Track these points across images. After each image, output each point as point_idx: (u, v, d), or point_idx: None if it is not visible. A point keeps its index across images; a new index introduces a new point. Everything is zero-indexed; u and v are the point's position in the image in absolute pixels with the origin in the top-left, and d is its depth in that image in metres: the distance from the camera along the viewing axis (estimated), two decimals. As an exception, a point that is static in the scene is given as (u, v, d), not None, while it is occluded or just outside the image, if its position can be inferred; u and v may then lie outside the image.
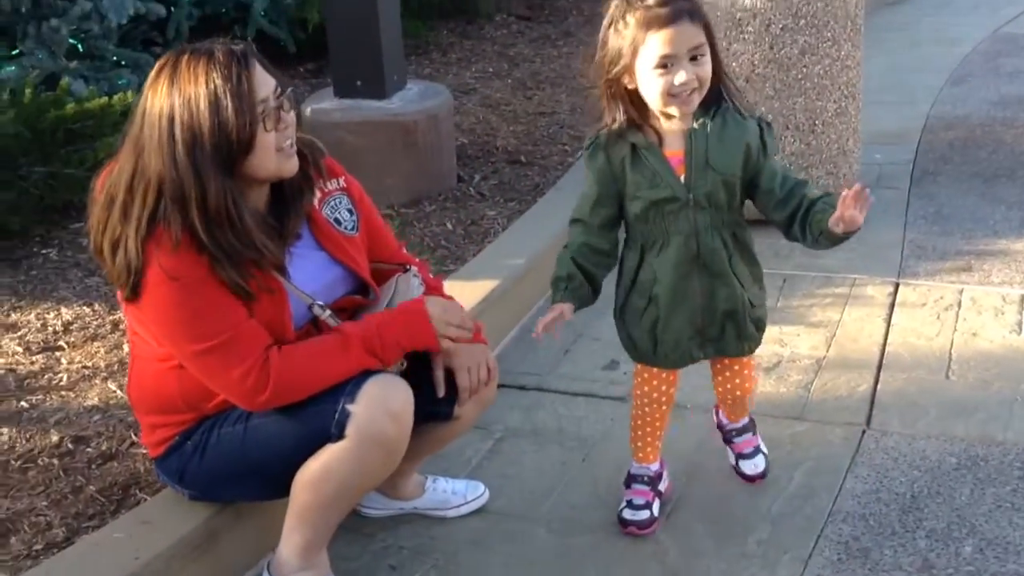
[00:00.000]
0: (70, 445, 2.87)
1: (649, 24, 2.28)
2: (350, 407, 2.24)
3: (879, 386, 3.29)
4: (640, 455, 2.78)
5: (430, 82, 5.07)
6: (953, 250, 4.18)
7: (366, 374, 2.29)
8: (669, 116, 2.40)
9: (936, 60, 7.01)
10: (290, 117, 2.26)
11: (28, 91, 3.96)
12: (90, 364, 3.26)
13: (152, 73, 2.23)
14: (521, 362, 3.58)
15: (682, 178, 2.42)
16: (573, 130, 5.48)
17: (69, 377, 3.20)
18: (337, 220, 2.48)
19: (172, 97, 2.15)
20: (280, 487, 2.37)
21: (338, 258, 2.44)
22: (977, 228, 4.37)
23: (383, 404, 2.26)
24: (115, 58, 4.78)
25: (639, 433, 2.76)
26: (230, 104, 2.13)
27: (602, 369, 3.51)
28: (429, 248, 4.13)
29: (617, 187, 2.47)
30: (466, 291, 3.65)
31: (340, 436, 2.26)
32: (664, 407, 2.72)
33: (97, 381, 3.18)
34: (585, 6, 8.16)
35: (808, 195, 2.42)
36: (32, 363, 3.28)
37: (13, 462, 2.81)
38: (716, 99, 2.43)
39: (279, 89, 2.25)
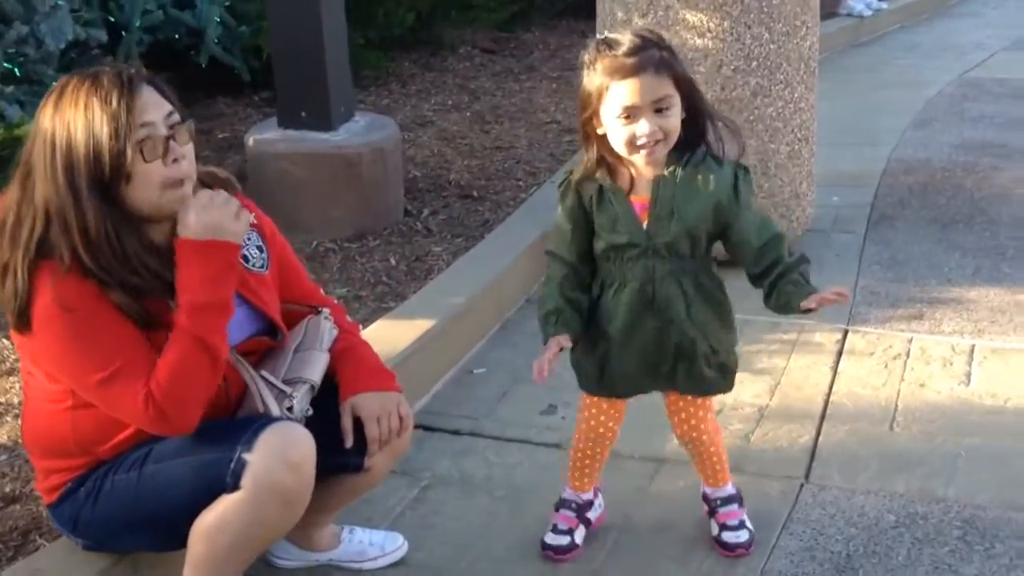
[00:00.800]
0: (-29, 486, 2.74)
1: (613, 72, 2.27)
2: (246, 456, 2.12)
3: (821, 437, 3.19)
4: (575, 483, 2.74)
5: (378, 114, 4.98)
6: (905, 297, 4.11)
7: (265, 421, 2.17)
8: (638, 161, 2.37)
9: (901, 103, 6.98)
10: (183, 150, 2.14)
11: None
12: (2, 400, 3.13)
13: (44, 97, 2.14)
14: (456, 405, 3.47)
15: (644, 224, 2.39)
16: (529, 166, 5.39)
17: (-18, 414, 3.07)
18: (245, 257, 2.36)
19: (54, 121, 2.07)
20: (176, 537, 2.24)
21: (245, 297, 2.33)
22: (931, 275, 4.29)
23: (281, 453, 2.14)
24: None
25: (577, 464, 2.71)
26: (105, 129, 2.04)
27: (540, 414, 3.40)
28: (369, 284, 4.03)
29: (587, 223, 2.46)
30: (402, 329, 3.55)
31: (236, 486, 2.14)
32: (607, 441, 2.68)
33: (8, 418, 3.05)
34: (551, 40, 8.13)
35: (784, 259, 2.37)
36: (-57, 397, 3.15)
37: (-92, 503, 2.68)
38: (693, 144, 2.39)
39: (174, 117, 2.14)
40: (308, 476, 2.18)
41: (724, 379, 2.58)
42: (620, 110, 2.28)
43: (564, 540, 2.67)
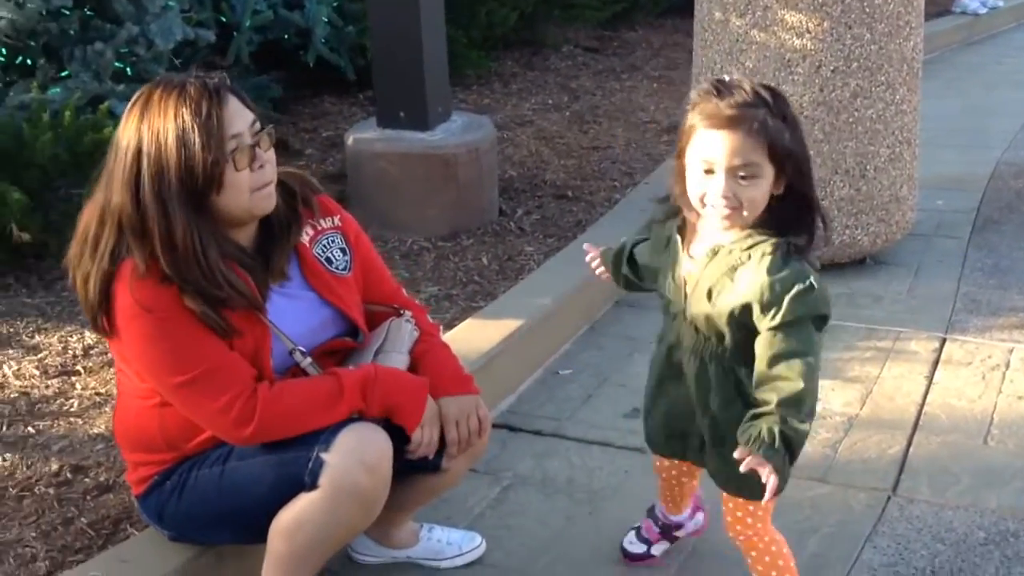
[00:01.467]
0: (69, 474, 2.84)
1: (706, 117, 1.99)
2: (324, 456, 2.17)
3: (911, 449, 3.12)
4: (664, 504, 2.67)
5: (475, 115, 5.00)
6: (1007, 306, 3.99)
7: (344, 423, 2.22)
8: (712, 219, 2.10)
9: (1013, 104, 6.79)
10: (267, 155, 2.20)
11: (68, 113, 3.98)
12: (103, 391, 3.24)
13: (128, 106, 2.20)
14: (541, 406, 3.48)
15: (687, 288, 2.17)
16: (625, 166, 5.39)
17: (80, 403, 3.18)
18: (329, 259, 2.41)
19: (140, 131, 2.12)
20: (256, 532, 2.30)
21: (327, 299, 2.38)
22: (1036, 283, 4.17)
23: (358, 455, 2.18)
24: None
25: (661, 490, 2.65)
26: (197, 140, 2.08)
27: (623, 417, 3.39)
28: (461, 283, 4.06)
29: (656, 251, 2.31)
30: (490, 329, 3.58)
31: (314, 485, 2.19)
32: (674, 484, 2.56)
33: (107, 409, 3.15)
34: (655, 39, 8.09)
35: (776, 408, 1.98)
36: (47, 387, 3.27)
37: (11, 489, 2.78)
38: (782, 227, 2.05)
39: (257, 125, 2.19)
40: (384, 477, 2.22)
41: (744, 481, 2.10)
42: (699, 161, 2.01)
43: (638, 549, 2.67)
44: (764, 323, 2.01)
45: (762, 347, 2.03)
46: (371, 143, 4.49)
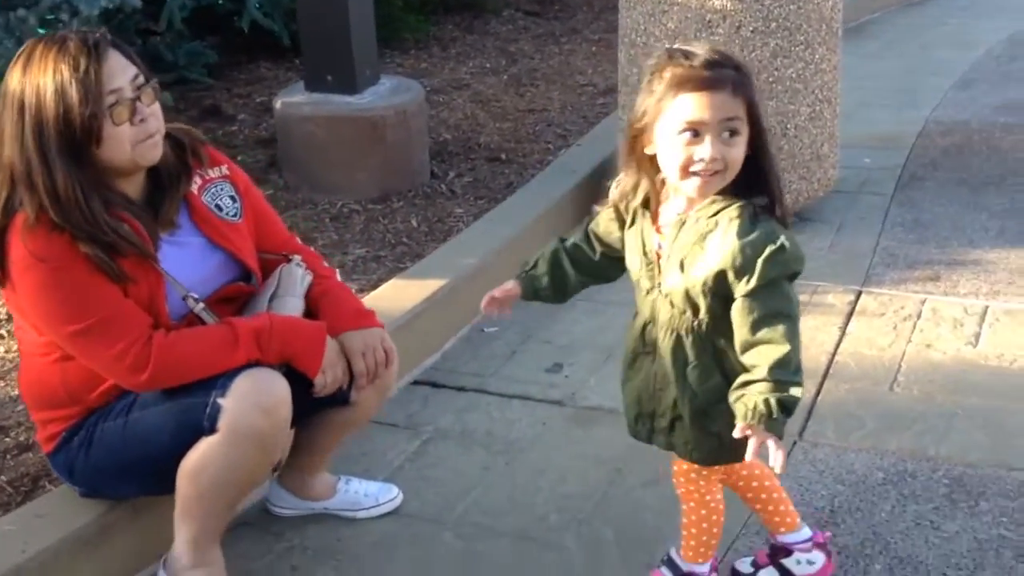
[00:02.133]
0: (-11, 434, 2.88)
1: (684, 83, 1.95)
2: (221, 401, 2.23)
3: (820, 396, 3.21)
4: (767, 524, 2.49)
5: (404, 78, 5.03)
6: (924, 259, 4.09)
7: (239, 368, 2.27)
8: (679, 192, 2.07)
9: (948, 63, 6.87)
10: (150, 109, 2.24)
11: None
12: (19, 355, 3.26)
13: (12, 60, 2.24)
14: (465, 363, 3.54)
15: (660, 263, 2.13)
16: (560, 128, 5.43)
17: (2, 366, 3.20)
18: (218, 207, 2.46)
19: (23, 84, 2.17)
20: (165, 482, 2.35)
21: (218, 243, 2.43)
22: (953, 237, 4.27)
23: (254, 398, 2.24)
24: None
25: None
26: (75, 95, 2.14)
27: (545, 371, 3.46)
28: (390, 244, 4.10)
29: (620, 227, 2.24)
30: (415, 288, 3.63)
31: (212, 430, 2.24)
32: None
33: (30, 371, 3.18)
34: (596, 2, 8.10)
35: (765, 373, 1.96)
36: (-31, 351, 3.29)
37: (-70, 450, 2.82)
38: (742, 192, 2.02)
39: (140, 79, 2.23)
40: (282, 420, 2.28)
41: (725, 451, 2.15)
42: (683, 125, 1.95)
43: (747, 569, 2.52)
44: (739, 288, 1.99)
45: (741, 313, 2.00)
46: (299, 107, 4.51)
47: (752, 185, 2.03)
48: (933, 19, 8.22)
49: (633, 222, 2.19)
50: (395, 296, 3.59)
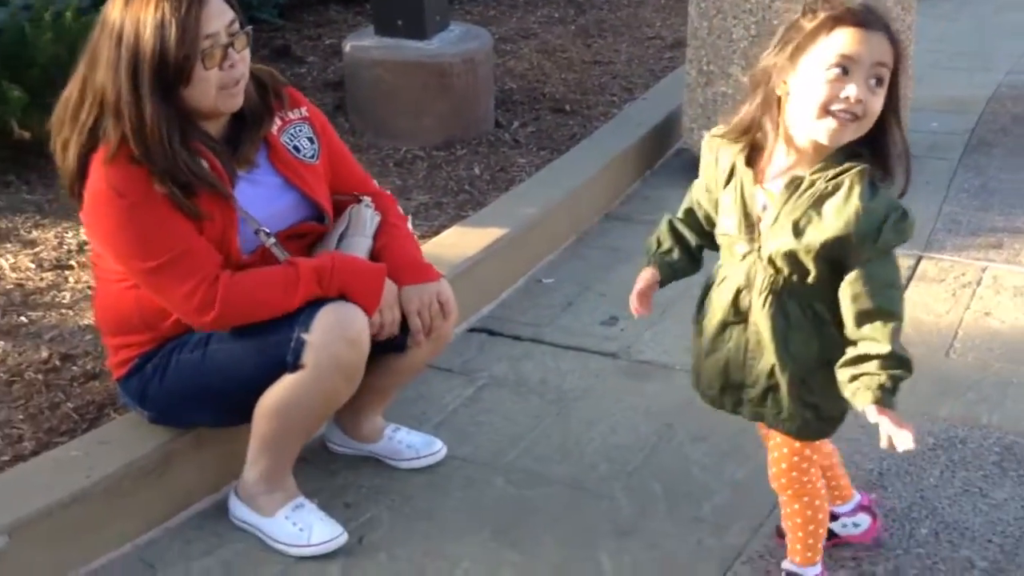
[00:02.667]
0: (57, 362, 2.97)
1: (839, 20, 1.88)
2: (305, 336, 2.30)
3: (875, 360, 3.21)
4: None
5: (473, 25, 5.04)
6: (987, 226, 4.05)
7: (319, 303, 2.33)
8: (792, 148, 1.99)
9: (1022, 26, 6.73)
10: (240, 56, 2.30)
11: (69, 14, 4.05)
12: (94, 284, 3.35)
13: None
14: (521, 312, 3.58)
15: (759, 224, 2.04)
16: (625, 81, 5.41)
17: (72, 296, 3.30)
18: (296, 148, 2.52)
19: (124, 16, 2.22)
20: (239, 414, 2.44)
21: (294, 183, 2.48)
22: (1019, 205, 4.22)
23: (339, 331, 2.31)
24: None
25: None
26: (173, 34, 2.19)
27: (600, 324, 3.49)
28: (452, 192, 4.14)
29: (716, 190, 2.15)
30: (475, 236, 3.67)
31: (296, 365, 2.31)
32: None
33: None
34: (668, -46, 8.01)
35: (883, 349, 1.95)
36: (41, 280, 3.39)
37: (1, 375, 2.91)
38: (858, 152, 1.95)
39: (235, 25, 2.27)
40: (364, 349, 2.36)
41: (821, 424, 2.16)
42: (834, 59, 1.87)
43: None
44: (859, 254, 1.93)
45: (857, 281, 1.95)
46: (368, 51, 4.54)
47: (874, 149, 1.97)
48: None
49: (728, 181, 2.09)
50: (455, 243, 3.63)
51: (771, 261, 2.02)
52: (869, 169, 1.94)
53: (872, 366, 1.95)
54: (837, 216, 1.93)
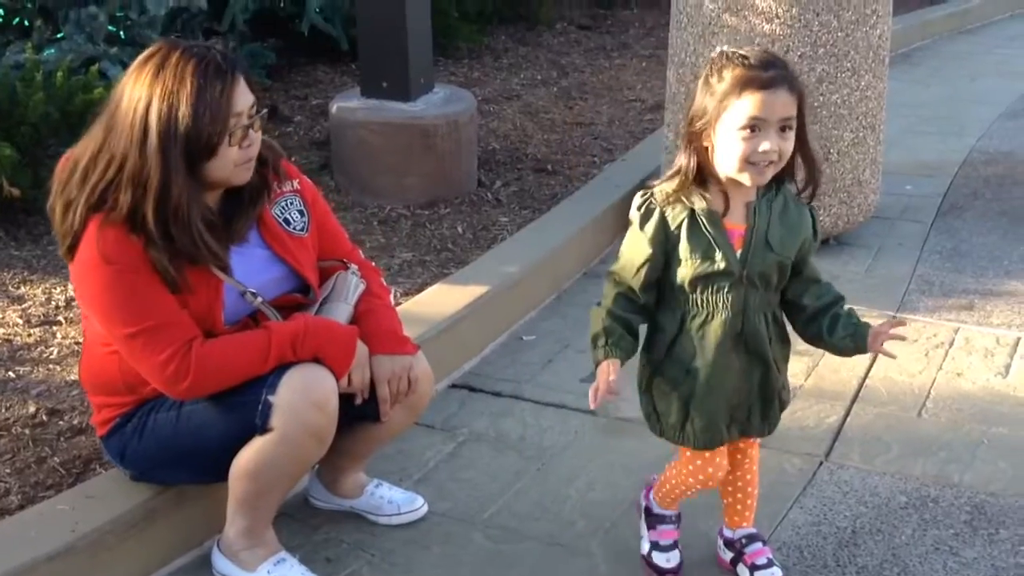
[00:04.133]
0: (44, 417, 3.01)
1: (747, 84, 2.15)
2: (272, 399, 2.33)
3: (848, 419, 3.28)
4: (670, 506, 2.66)
5: (457, 88, 5.14)
6: (960, 288, 4.14)
7: (287, 365, 2.38)
8: (736, 186, 2.26)
9: (996, 93, 6.91)
10: (256, 136, 2.38)
11: (60, 74, 4.13)
12: (82, 340, 3.39)
13: (139, 59, 2.33)
14: (502, 369, 3.64)
15: (739, 253, 2.28)
16: (606, 142, 5.52)
17: (60, 351, 3.34)
18: (287, 220, 2.57)
19: (153, 88, 2.26)
20: (215, 472, 2.47)
21: (282, 256, 2.53)
22: (990, 267, 4.31)
23: (305, 394, 2.35)
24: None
25: (676, 495, 2.61)
26: (208, 112, 2.25)
27: (580, 381, 3.54)
28: (435, 250, 4.21)
29: (666, 251, 2.30)
30: (457, 294, 3.73)
31: (265, 427, 2.35)
32: (717, 480, 2.53)
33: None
34: (649, 18, 8.21)
35: (843, 299, 2.44)
36: (29, 335, 3.43)
37: (-11, 429, 2.95)
38: (780, 177, 2.29)
39: (254, 108, 2.35)
40: (332, 412, 2.39)
41: (779, 417, 2.51)
42: (745, 121, 2.15)
43: (675, 559, 2.63)
44: (809, 248, 2.36)
45: (811, 268, 2.39)
46: (353, 111, 4.63)
47: (785, 171, 2.30)
48: (982, 48, 8.24)
49: (692, 223, 2.29)
50: (438, 301, 3.69)
51: (760, 279, 2.31)
52: (789, 181, 2.34)
53: (846, 314, 2.43)
54: (801, 224, 2.34)
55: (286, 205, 2.58)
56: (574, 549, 2.75)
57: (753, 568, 2.58)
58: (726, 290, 2.30)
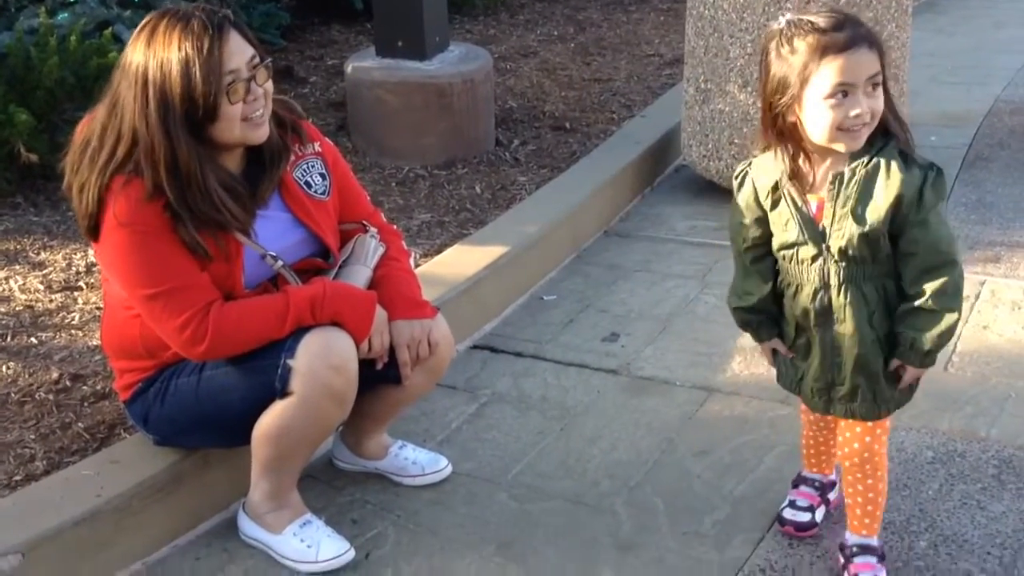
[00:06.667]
0: (68, 382, 3.01)
1: (825, 50, 2.05)
2: (290, 362, 2.33)
3: (873, 375, 3.25)
4: (810, 465, 2.64)
5: (473, 46, 5.09)
6: (986, 240, 4.09)
7: (305, 328, 2.36)
8: (824, 154, 2.17)
9: (1021, 42, 6.79)
10: (261, 89, 2.34)
11: (73, 38, 4.11)
12: (103, 305, 3.39)
13: (133, 34, 2.33)
14: (523, 329, 3.62)
15: (820, 226, 2.21)
16: (625, 98, 5.47)
17: (81, 317, 3.34)
18: (308, 183, 2.55)
19: (147, 58, 2.25)
20: (237, 436, 2.47)
21: (303, 221, 2.52)
22: (1016, 219, 4.26)
23: (324, 357, 2.34)
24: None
25: (806, 447, 2.62)
26: (199, 73, 2.22)
27: (601, 341, 3.53)
28: (453, 210, 4.18)
29: (760, 219, 2.31)
30: (477, 255, 3.71)
31: (284, 391, 2.34)
32: (824, 430, 2.55)
33: (107, 323, 3.31)
34: (666, -29, 8.08)
35: (930, 301, 2.18)
36: (50, 301, 3.43)
37: (13, 395, 2.95)
38: (878, 136, 2.16)
39: (255, 60, 2.32)
40: (351, 374, 2.39)
41: (900, 395, 2.34)
42: (831, 89, 2.06)
43: (805, 517, 2.59)
44: (912, 217, 2.14)
45: (916, 240, 2.16)
46: (369, 72, 4.59)
47: (884, 127, 2.17)
48: (1008, -5, 8.11)
49: (776, 202, 2.26)
50: (457, 262, 3.67)
51: (843, 253, 2.20)
52: (892, 143, 2.16)
53: (922, 334, 2.20)
54: (886, 192, 2.13)
55: (307, 168, 2.56)
56: (598, 508, 2.75)
57: None
58: (809, 263, 2.25)
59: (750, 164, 2.32)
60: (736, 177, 2.35)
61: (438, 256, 3.74)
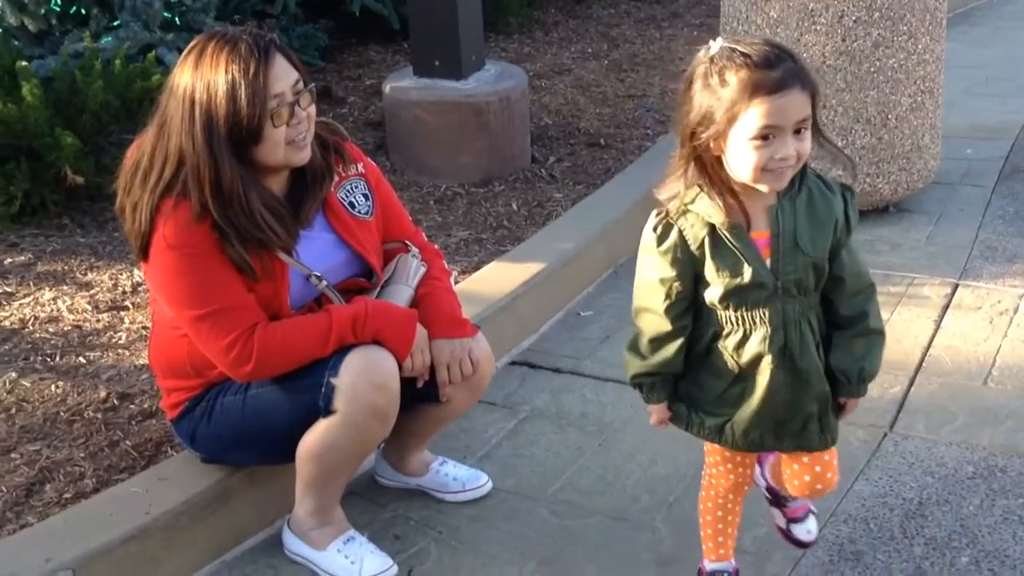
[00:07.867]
0: (116, 401, 3.07)
1: (756, 89, 1.92)
2: (334, 381, 2.37)
3: (912, 389, 3.26)
4: (718, 552, 2.50)
5: (508, 64, 5.14)
6: (1023, 253, 4.08)
7: (348, 347, 2.41)
8: (754, 191, 2.04)
9: (1057, 52, 6.77)
10: (305, 112, 2.39)
11: (118, 62, 4.18)
12: (149, 325, 3.45)
13: (181, 56, 2.38)
14: (561, 345, 3.65)
15: (768, 263, 2.08)
16: (659, 114, 5.49)
17: (128, 336, 3.40)
18: (352, 204, 2.59)
19: (194, 79, 2.30)
20: (282, 454, 2.52)
21: (347, 241, 2.56)
22: (1054, 231, 4.25)
23: (367, 376, 2.38)
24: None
25: (716, 527, 2.48)
26: (244, 96, 2.27)
27: (640, 356, 3.54)
28: (491, 228, 4.22)
29: (694, 270, 2.11)
30: (515, 271, 3.75)
31: (328, 410, 2.39)
32: (743, 489, 2.44)
33: (152, 342, 3.37)
34: (700, -14, 8.10)
35: (869, 322, 2.16)
36: (98, 321, 3.50)
37: (62, 414, 3.02)
38: (801, 168, 2.08)
39: (299, 84, 2.37)
40: (394, 393, 2.43)
41: (837, 423, 2.27)
42: (758, 132, 1.94)
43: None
44: (843, 240, 2.11)
45: (845, 264, 2.12)
46: (407, 91, 4.65)
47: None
48: (1044, 6, 8.08)
49: (715, 239, 2.08)
50: (495, 278, 3.71)
51: (798, 286, 2.10)
52: (810, 169, 2.12)
53: (878, 341, 2.20)
54: (823, 221, 2.10)
55: (351, 188, 2.60)
56: (638, 523, 2.77)
57: (791, 520, 2.53)
58: (762, 305, 2.10)
59: (667, 215, 2.12)
60: (655, 229, 2.13)
61: (476, 273, 3.78)
